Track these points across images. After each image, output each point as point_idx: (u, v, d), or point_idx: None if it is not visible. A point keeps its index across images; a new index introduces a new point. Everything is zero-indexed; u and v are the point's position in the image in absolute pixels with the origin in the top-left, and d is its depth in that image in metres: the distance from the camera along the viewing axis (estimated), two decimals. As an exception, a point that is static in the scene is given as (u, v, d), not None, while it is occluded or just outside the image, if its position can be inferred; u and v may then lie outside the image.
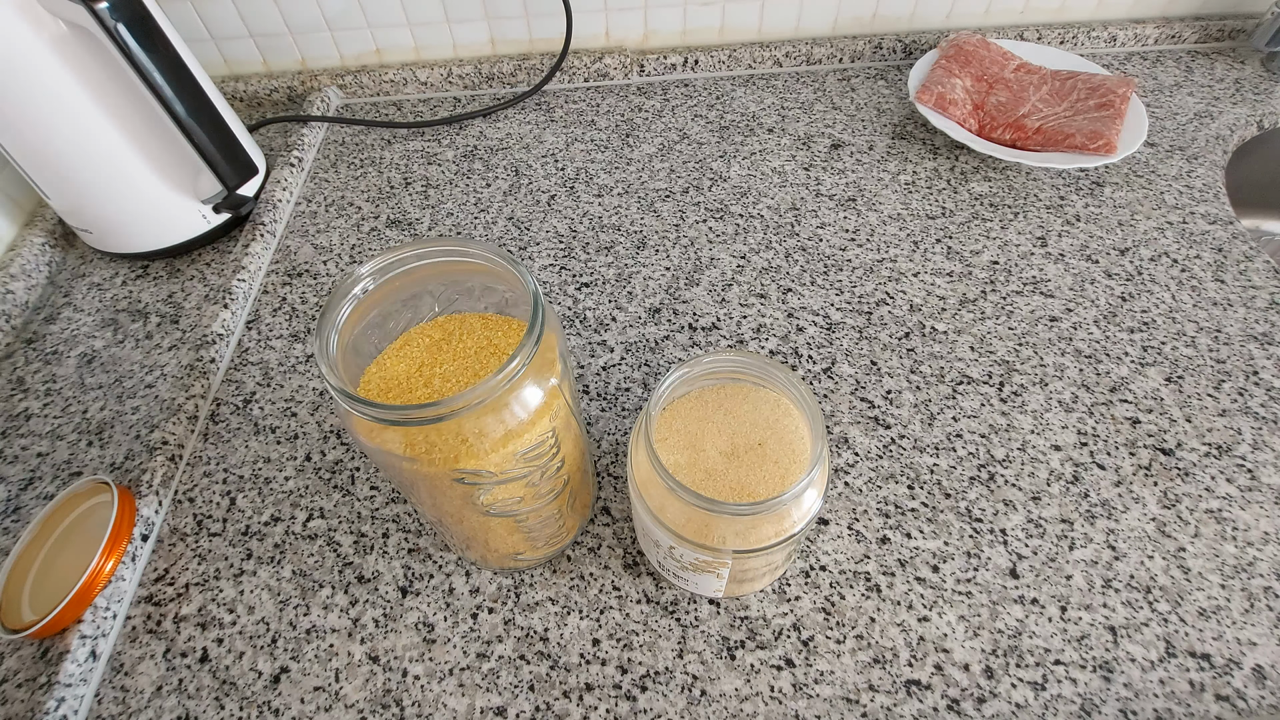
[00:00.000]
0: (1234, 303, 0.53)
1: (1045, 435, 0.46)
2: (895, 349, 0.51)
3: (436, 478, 0.29)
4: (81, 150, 0.52)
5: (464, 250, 0.30)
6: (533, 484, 0.32)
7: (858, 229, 0.59)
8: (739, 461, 0.33)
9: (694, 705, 0.36)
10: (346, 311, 0.29)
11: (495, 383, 0.26)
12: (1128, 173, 0.64)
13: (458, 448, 0.28)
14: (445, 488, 0.30)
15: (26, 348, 0.55)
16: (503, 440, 0.28)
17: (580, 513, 0.41)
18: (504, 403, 0.28)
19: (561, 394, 0.31)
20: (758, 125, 0.70)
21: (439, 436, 0.28)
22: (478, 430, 0.28)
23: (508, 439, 0.29)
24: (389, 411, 0.26)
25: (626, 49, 0.75)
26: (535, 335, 0.28)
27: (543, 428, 0.30)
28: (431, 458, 0.28)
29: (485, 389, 0.26)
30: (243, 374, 0.51)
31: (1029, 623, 0.38)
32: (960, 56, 0.68)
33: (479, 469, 0.29)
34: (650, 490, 0.32)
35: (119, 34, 0.45)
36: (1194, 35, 0.77)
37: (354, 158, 0.68)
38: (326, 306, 0.29)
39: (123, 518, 0.41)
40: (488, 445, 0.28)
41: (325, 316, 0.28)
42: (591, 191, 0.64)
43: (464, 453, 0.28)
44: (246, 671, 0.38)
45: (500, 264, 0.30)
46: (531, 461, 0.31)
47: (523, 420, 0.29)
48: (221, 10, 0.68)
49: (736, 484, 0.32)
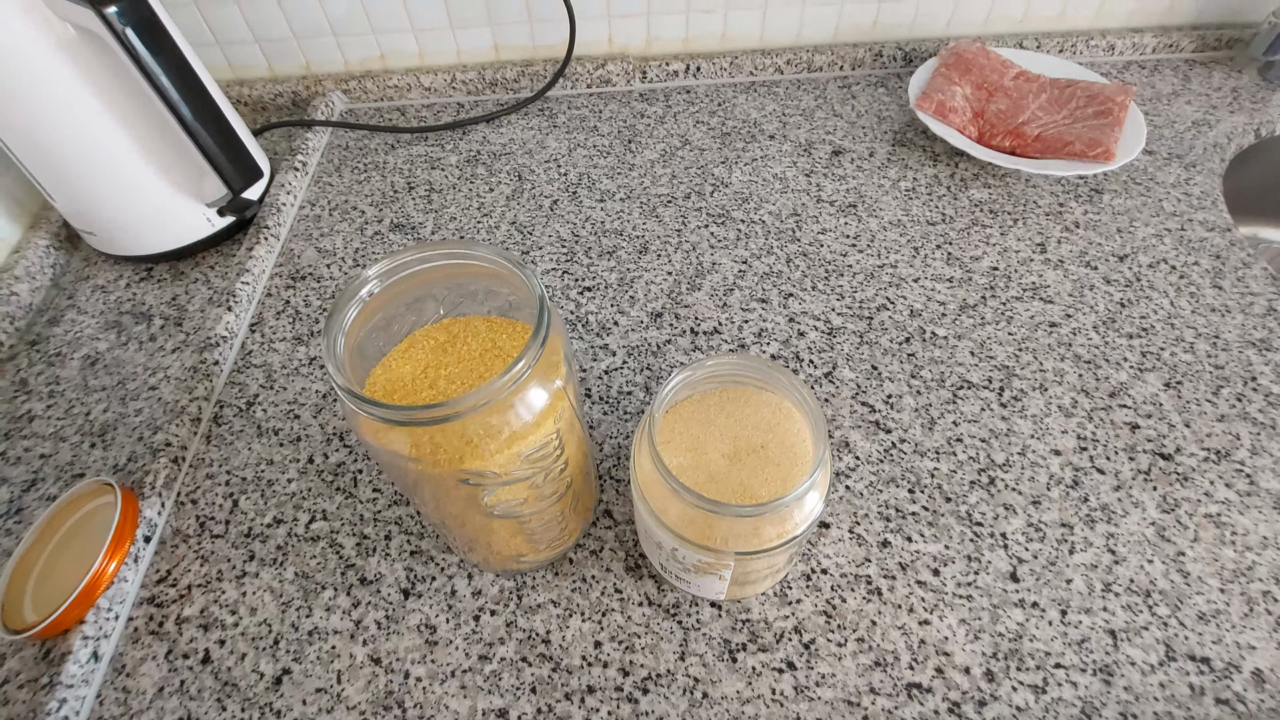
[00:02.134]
0: (1232, 309, 0.53)
1: (1045, 440, 0.46)
2: (896, 354, 0.51)
3: (441, 479, 0.29)
4: (87, 153, 0.52)
5: (469, 253, 0.30)
6: (536, 485, 0.32)
7: (858, 235, 0.60)
8: (741, 464, 0.33)
9: (695, 708, 0.36)
10: (353, 314, 0.29)
11: (501, 384, 0.26)
12: (1126, 180, 0.64)
13: (463, 449, 0.28)
14: (450, 489, 0.30)
15: (30, 349, 0.55)
16: (508, 442, 0.29)
17: (583, 515, 0.41)
18: (509, 404, 0.28)
19: (566, 396, 0.31)
20: (759, 132, 0.70)
21: (444, 438, 0.28)
22: (483, 432, 0.28)
23: (513, 440, 0.29)
24: (395, 412, 0.26)
25: (629, 56, 0.76)
26: (541, 337, 0.28)
27: (547, 430, 0.30)
28: (436, 459, 0.28)
29: (491, 390, 0.26)
30: (246, 376, 0.52)
31: (1029, 626, 0.38)
32: (960, 64, 0.69)
33: (484, 470, 0.29)
34: (653, 492, 0.33)
35: (127, 38, 0.45)
36: (1192, 44, 0.77)
37: (358, 162, 0.69)
38: (334, 308, 0.29)
39: (125, 519, 0.41)
40: (493, 447, 0.28)
41: (332, 318, 0.29)
42: (594, 197, 0.64)
43: (469, 454, 0.28)
44: (249, 673, 0.38)
45: (506, 267, 0.30)
46: (536, 463, 0.31)
47: (528, 422, 0.29)
48: (227, 15, 0.69)
49: (739, 486, 0.32)
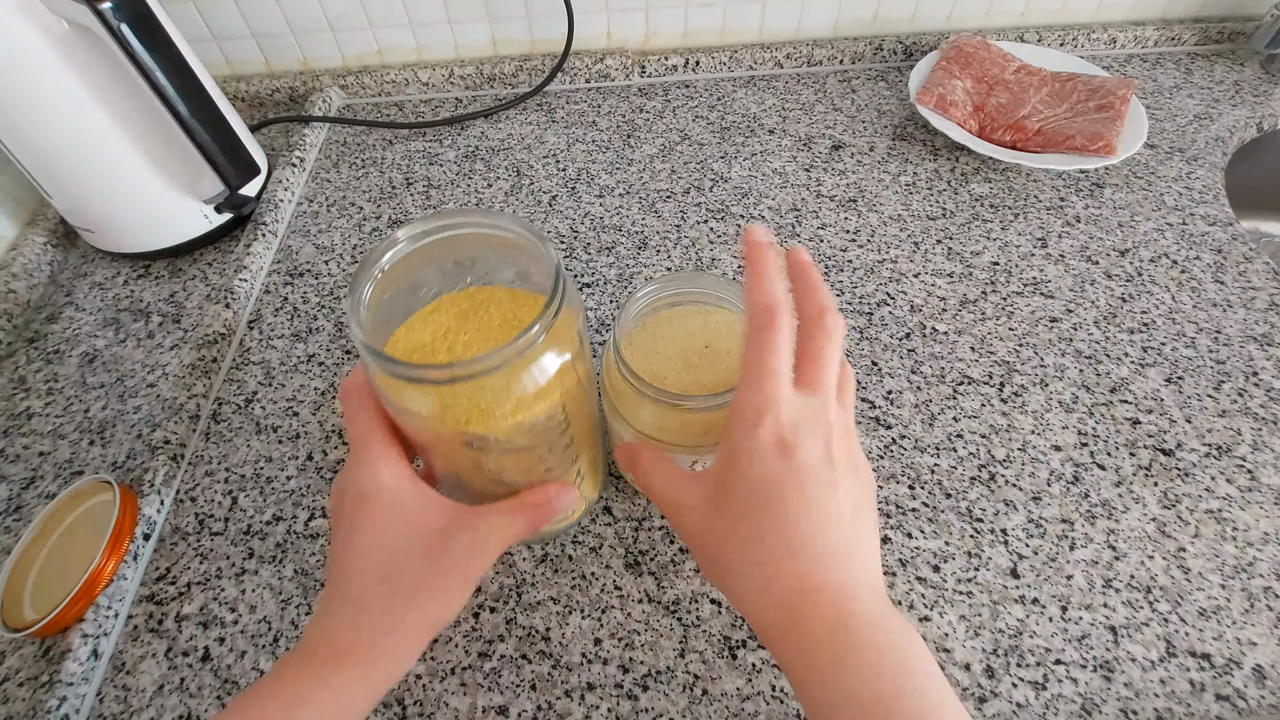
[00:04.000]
0: (1234, 304, 0.53)
1: (1046, 435, 0.46)
2: (896, 349, 0.51)
3: (448, 438, 0.30)
4: (84, 150, 0.52)
5: (491, 222, 0.31)
6: (540, 458, 0.33)
7: (858, 230, 0.59)
8: (695, 367, 0.36)
9: (695, 704, 0.36)
10: (377, 274, 0.30)
11: (511, 350, 0.27)
12: (1128, 174, 0.64)
13: (470, 412, 0.29)
14: (455, 450, 0.31)
15: (28, 347, 0.55)
16: (512, 410, 0.29)
17: (587, 494, 0.41)
18: (518, 372, 0.29)
19: (575, 372, 0.31)
20: (759, 126, 0.70)
21: (453, 399, 0.29)
22: (490, 397, 0.29)
23: (517, 409, 0.29)
24: (406, 369, 0.27)
25: (628, 50, 0.75)
26: (555, 307, 0.28)
27: (553, 402, 0.30)
28: (444, 418, 0.29)
29: (501, 355, 0.27)
30: (244, 373, 0.51)
31: (1030, 622, 0.38)
32: (961, 58, 0.69)
33: (487, 434, 0.29)
34: (625, 403, 0.36)
35: (122, 33, 0.45)
36: (1194, 37, 0.77)
37: (356, 158, 0.68)
38: (360, 267, 0.30)
39: (124, 517, 0.41)
40: (498, 413, 0.29)
41: (359, 276, 0.29)
42: (593, 192, 0.64)
43: (475, 418, 0.29)
44: (248, 670, 0.38)
45: (525, 236, 0.30)
46: (540, 435, 0.31)
47: (534, 393, 0.29)
48: (224, 10, 0.69)
49: (693, 384, 0.36)
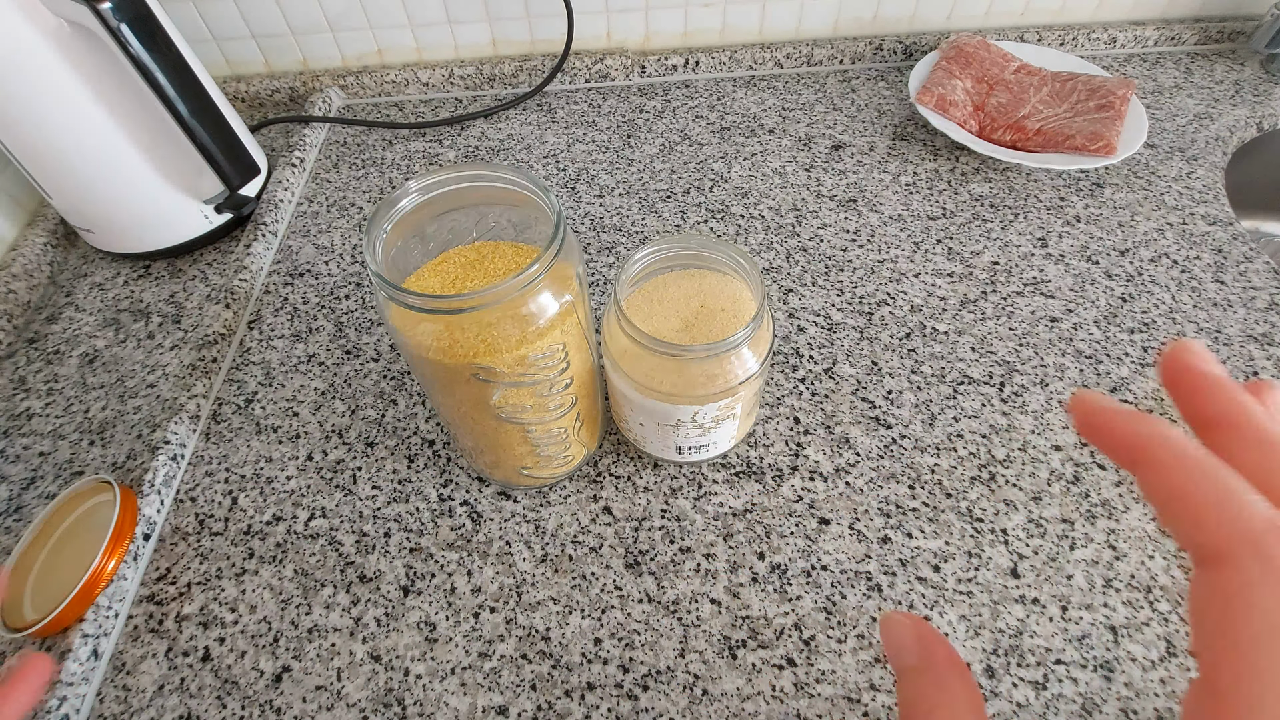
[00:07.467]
0: (1234, 303, 0.53)
1: (1046, 435, 0.46)
2: (896, 349, 0.51)
3: (457, 371, 0.32)
4: (83, 150, 0.52)
5: (498, 175, 0.34)
6: (541, 395, 0.35)
7: (858, 230, 0.59)
8: (692, 325, 0.38)
9: (695, 704, 0.36)
10: (396, 215, 0.33)
11: (514, 283, 0.30)
12: (1128, 174, 0.64)
13: (476, 345, 0.31)
14: (462, 384, 0.33)
15: (28, 347, 0.55)
16: (516, 343, 0.32)
17: (585, 443, 0.43)
18: (520, 307, 0.31)
19: (575, 313, 0.34)
20: (759, 126, 0.70)
21: (461, 333, 0.31)
22: (495, 331, 0.32)
23: (521, 343, 0.32)
24: (420, 299, 0.29)
25: (628, 50, 0.75)
26: (555, 248, 0.31)
27: (554, 339, 0.33)
28: (453, 351, 0.32)
29: (505, 288, 0.29)
30: (244, 374, 0.51)
31: (1030, 622, 0.38)
32: (961, 58, 0.69)
33: (493, 366, 0.32)
34: (625, 362, 0.37)
35: (122, 34, 0.45)
36: (1194, 37, 0.77)
37: (355, 158, 0.69)
38: (377, 209, 0.32)
39: (125, 517, 0.41)
40: (503, 346, 0.32)
41: (375, 218, 0.32)
42: (593, 192, 0.64)
43: (482, 350, 0.31)
44: (248, 670, 0.38)
45: (528, 187, 0.33)
46: (542, 370, 0.34)
47: (536, 328, 0.32)
48: (223, 10, 0.69)
49: (690, 340, 0.37)
